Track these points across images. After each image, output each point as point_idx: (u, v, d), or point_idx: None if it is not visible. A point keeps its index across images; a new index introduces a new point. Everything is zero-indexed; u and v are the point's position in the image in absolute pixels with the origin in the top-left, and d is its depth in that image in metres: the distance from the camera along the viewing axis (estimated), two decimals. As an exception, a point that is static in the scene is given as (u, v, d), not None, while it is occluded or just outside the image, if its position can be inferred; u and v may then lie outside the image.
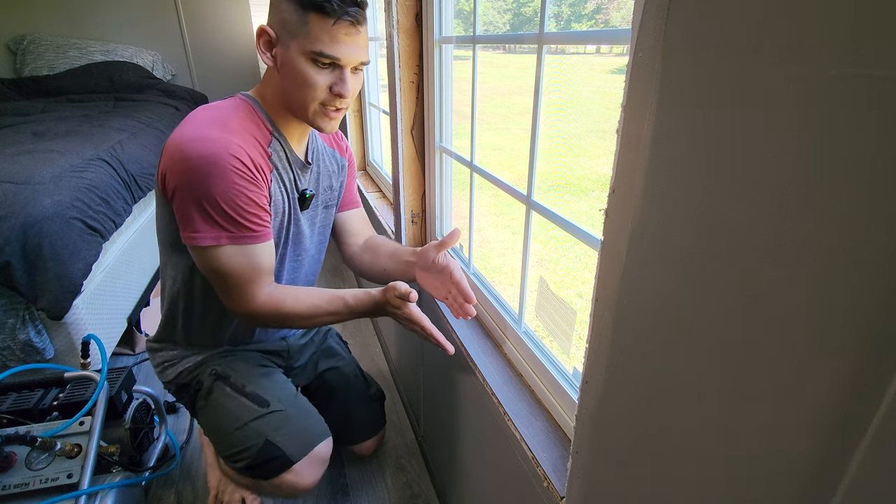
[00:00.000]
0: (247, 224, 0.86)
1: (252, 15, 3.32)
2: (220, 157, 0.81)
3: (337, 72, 0.85)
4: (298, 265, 1.09)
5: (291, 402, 1.09)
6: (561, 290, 2.78)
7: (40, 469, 0.99)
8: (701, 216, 0.34)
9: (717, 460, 0.36)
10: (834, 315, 0.26)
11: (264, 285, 0.91)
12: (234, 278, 0.88)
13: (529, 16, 4.20)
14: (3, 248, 1.26)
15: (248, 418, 1.03)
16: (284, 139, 0.94)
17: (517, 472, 0.76)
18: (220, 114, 0.87)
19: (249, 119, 0.89)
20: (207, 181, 0.81)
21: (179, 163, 0.81)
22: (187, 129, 0.83)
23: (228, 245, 0.85)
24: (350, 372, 1.35)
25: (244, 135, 0.86)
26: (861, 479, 0.26)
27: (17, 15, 2.95)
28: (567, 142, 4.21)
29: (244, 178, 0.84)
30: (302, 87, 0.84)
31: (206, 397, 1.07)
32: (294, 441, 1.03)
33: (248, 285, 0.89)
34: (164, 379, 1.13)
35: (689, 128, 0.33)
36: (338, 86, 0.85)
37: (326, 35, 0.80)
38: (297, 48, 0.81)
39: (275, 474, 1.01)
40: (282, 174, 0.94)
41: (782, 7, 0.26)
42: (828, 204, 0.26)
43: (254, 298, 0.90)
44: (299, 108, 0.88)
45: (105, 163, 1.70)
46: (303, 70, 0.83)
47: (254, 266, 0.89)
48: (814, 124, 0.26)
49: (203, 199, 0.82)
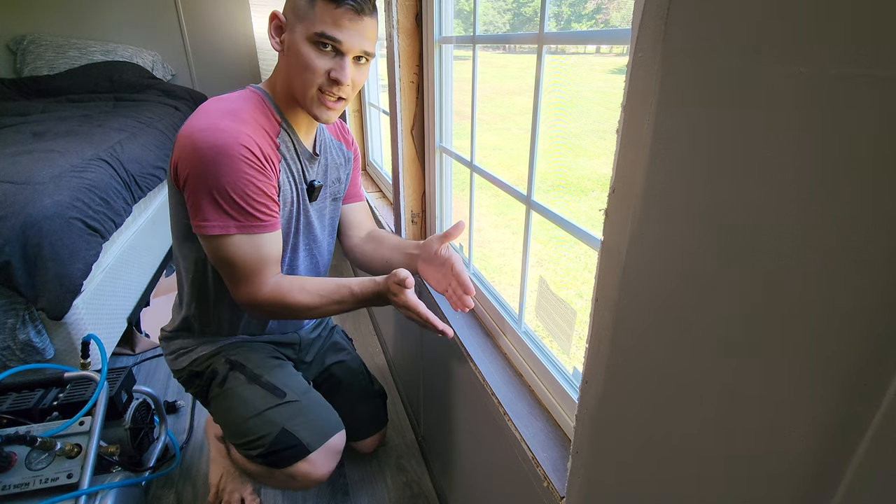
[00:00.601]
0: (255, 213, 0.87)
1: (252, 15, 3.32)
2: (230, 147, 0.82)
3: (338, 58, 0.85)
4: (314, 255, 1.11)
5: (305, 393, 1.10)
6: (561, 290, 2.78)
7: (40, 469, 0.99)
8: (701, 216, 0.34)
9: (717, 460, 0.36)
10: (834, 315, 0.26)
11: (270, 275, 0.92)
12: (241, 268, 0.89)
13: (529, 16, 4.20)
14: (3, 248, 1.26)
15: (263, 407, 1.04)
16: (293, 130, 0.96)
17: (517, 472, 0.76)
18: (231, 105, 0.88)
19: (259, 110, 0.91)
20: (217, 170, 0.82)
21: (190, 153, 0.82)
22: (199, 120, 0.85)
23: (237, 234, 0.86)
24: (356, 367, 1.36)
25: (254, 125, 0.88)
26: (861, 480, 0.26)
27: (17, 15, 2.95)
28: (567, 142, 4.21)
29: (254, 167, 0.85)
30: (302, 70, 0.85)
31: (221, 385, 1.08)
32: (310, 431, 1.04)
33: (254, 275, 0.90)
34: (177, 367, 1.14)
35: (689, 128, 0.33)
36: (336, 71, 0.85)
37: (329, 17, 0.82)
38: (301, 31, 0.83)
39: (290, 463, 1.01)
40: (290, 165, 0.96)
41: (782, 7, 0.26)
42: (828, 204, 0.26)
43: (260, 288, 0.91)
44: (299, 92, 0.89)
45: (105, 163, 1.70)
46: (304, 52, 0.84)
47: (261, 255, 0.90)
48: (813, 124, 0.26)
49: (213, 187, 0.83)
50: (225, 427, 1.10)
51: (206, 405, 1.15)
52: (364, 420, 1.35)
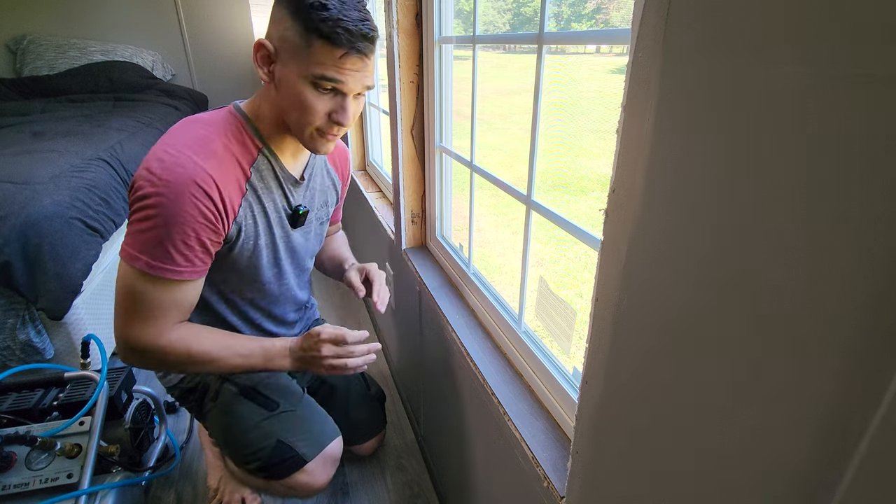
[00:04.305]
0: (175, 257, 0.79)
1: (252, 15, 3.32)
2: (182, 184, 0.76)
3: (338, 98, 0.80)
4: (301, 272, 1.10)
5: (300, 402, 1.09)
6: (561, 290, 2.78)
7: (40, 469, 0.99)
8: (701, 216, 0.34)
9: (716, 460, 0.36)
10: (834, 315, 0.26)
11: (172, 322, 0.84)
12: (139, 306, 0.80)
13: (529, 16, 4.19)
14: (3, 248, 1.26)
15: (258, 419, 1.03)
16: (275, 156, 0.90)
17: (517, 471, 0.76)
18: (203, 131, 0.82)
19: (234, 138, 0.85)
20: (159, 203, 0.75)
21: (144, 174, 0.77)
22: (165, 146, 0.79)
23: (143, 270, 0.78)
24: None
25: (222, 158, 0.81)
26: (861, 480, 0.26)
27: (17, 15, 2.95)
28: (567, 142, 4.21)
29: (199, 209, 0.78)
30: (299, 110, 0.80)
31: (214, 400, 1.07)
32: (306, 440, 1.03)
33: (154, 318, 0.82)
34: (168, 384, 1.11)
35: (689, 127, 0.33)
36: (337, 114, 0.81)
37: (330, 61, 0.76)
38: (296, 69, 0.77)
39: (288, 474, 1.01)
40: (262, 196, 0.90)
41: (782, 7, 0.26)
42: (828, 203, 0.26)
43: (161, 333, 0.83)
44: (295, 129, 0.84)
45: (105, 163, 1.71)
46: (302, 92, 0.78)
47: (165, 302, 0.82)
48: (813, 124, 0.26)
49: (146, 216, 0.76)
50: (222, 443, 1.09)
51: (202, 421, 1.13)
52: (361, 424, 1.34)
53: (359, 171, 2.17)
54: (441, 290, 1.12)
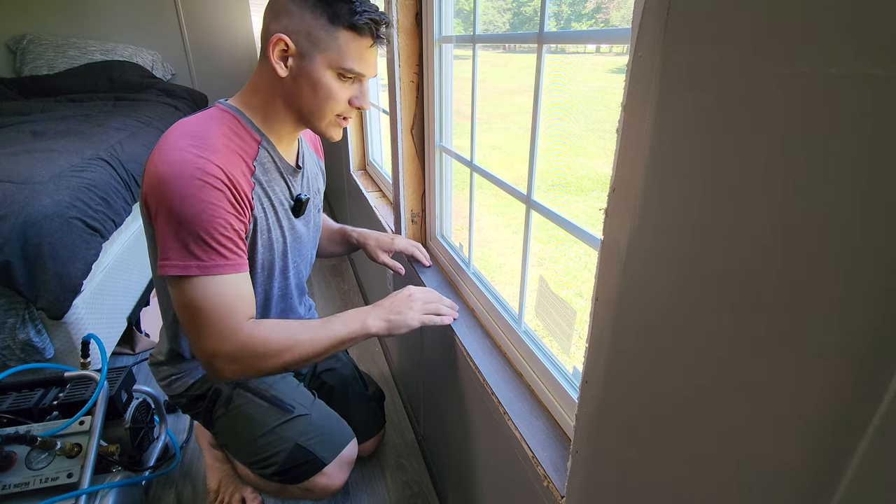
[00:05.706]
0: (220, 250, 0.78)
1: (252, 15, 3.32)
2: (196, 176, 0.75)
3: (357, 85, 0.86)
4: (300, 272, 1.09)
5: (313, 405, 1.09)
6: (561, 290, 2.78)
7: (40, 468, 0.99)
8: (701, 215, 0.34)
9: (716, 460, 0.36)
10: (834, 314, 0.26)
11: (243, 320, 0.81)
12: (207, 314, 0.78)
13: (529, 15, 4.19)
14: (3, 248, 1.26)
15: (273, 423, 1.02)
16: (273, 147, 0.90)
17: (517, 471, 0.76)
18: (198, 130, 0.81)
19: (233, 132, 0.84)
20: (183, 202, 0.74)
21: (157, 185, 0.75)
22: (163, 150, 0.77)
23: (199, 276, 0.77)
24: (348, 373, 1.35)
25: (225, 152, 0.81)
26: (861, 480, 0.26)
27: (16, 15, 2.95)
28: (567, 141, 4.21)
29: (224, 196, 0.78)
30: (324, 99, 0.84)
31: (227, 405, 1.05)
32: (323, 444, 1.03)
33: (222, 321, 0.79)
34: (173, 392, 1.07)
35: (689, 127, 0.33)
36: (358, 99, 0.86)
37: (357, 51, 0.81)
38: (323, 61, 0.81)
39: (306, 477, 1.01)
40: (266, 188, 0.89)
41: (782, 7, 0.26)
42: (827, 203, 0.26)
43: (231, 336, 0.80)
44: (314, 118, 0.87)
45: (105, 162, 1.71)
46: (327, 83, 0.82)
47: (229, 300, 0.80)
48: (813, 124, 0.26)
49: (177, 221, 0.75)
50: (234, 447, 1.08)
51: (210, 427, 1.10)
52: (360, 425, 1.34)
53: (359, 170, 2.17)
54: (441, 290, 1.12)
